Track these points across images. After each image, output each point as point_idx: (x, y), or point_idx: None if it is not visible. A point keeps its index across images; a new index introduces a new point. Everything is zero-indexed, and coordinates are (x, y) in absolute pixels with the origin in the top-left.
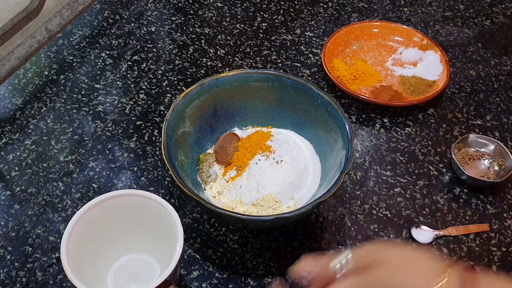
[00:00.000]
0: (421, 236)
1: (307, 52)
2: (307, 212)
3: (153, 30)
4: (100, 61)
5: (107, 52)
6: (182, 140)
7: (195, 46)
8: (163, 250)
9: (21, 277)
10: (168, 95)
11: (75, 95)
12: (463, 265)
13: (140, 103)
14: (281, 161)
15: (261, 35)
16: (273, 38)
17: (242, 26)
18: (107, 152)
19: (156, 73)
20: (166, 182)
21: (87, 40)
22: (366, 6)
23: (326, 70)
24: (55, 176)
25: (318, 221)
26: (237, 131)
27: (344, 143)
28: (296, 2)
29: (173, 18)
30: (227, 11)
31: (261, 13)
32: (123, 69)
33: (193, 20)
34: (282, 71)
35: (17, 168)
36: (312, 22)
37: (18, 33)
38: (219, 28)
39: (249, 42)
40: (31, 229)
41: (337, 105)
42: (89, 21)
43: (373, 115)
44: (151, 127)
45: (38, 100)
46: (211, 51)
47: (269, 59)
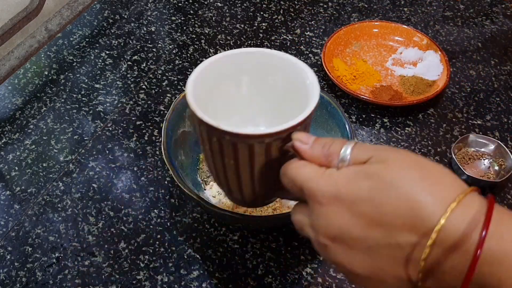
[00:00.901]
0: None
1: (307, 52)
2: None
3: (153, 30)
4: (100, 61)
5: (107, 52)
6: (182, 140)
7: (195, 46)
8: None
9: (21, 277)
10: (168, 95)
11: (75, 95)
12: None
13: (140, 103)
14: None
15: (261, 35)
16: (273, 38)
17: (242, 26)
18: (107, 152)
19: (156, 73)
20: (166, 182)
21: (87, 40)
22: (366, 6)
23: (326, 70)
24: (55, 176)
25: None
26: None
27: None
28: (296, 2)
29: (173, 18)
30: (227, 11)
31: (261, 13)
32: (123, 69)
33: (193, 20)
34: None
35: (17, 168)
36: (312, 22)
37: (18, 33)
38: (219, 28)
39: (249, 42)
40: (31, 229)
41: (337, 105)
42: (89, 21)
43: (373, 115)
44: (151, 127)
45: (38, 100)
46: (211, 51)
47: None
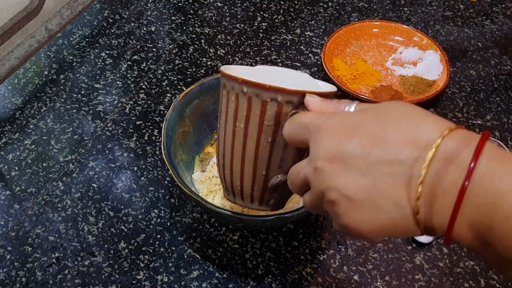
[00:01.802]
0: (421, 236)
1: (307, 52)
2: (307, 212)
3: (153, 29)
4: (100, 60)
5: (107, 52)
6: (182, 140)
7: (195, 46)
8: None
9: (20, 277)
10: (168, 95)
11: (75, 95)
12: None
13: (140, 102)
14: None
15: (261, 34)
16: (273, 37)
17: (242, 25)
18: (107, 152)
19: (156, 72)
20: (166, 182)
21: (87, 39)
22: (366, 5)
23: (326, 69)
24: (55, 176)
25: (318, 221)
26: None
27: None
28: (296, 2)
29: (173, 18)
30: (227, 10)
31: (261, 12)
32: (123, 68)
33: (193, 20)
34: None
35: (16, 168)
36: (312, 22)
37: (18, 32)
38: (219, 28)
39: (249, 42)
40: (30, 229)
41: None
42: (89, 20)
43: None
44: (151, 127)
45: (38, 100)
46: (211, 50)
47: (269, 59)
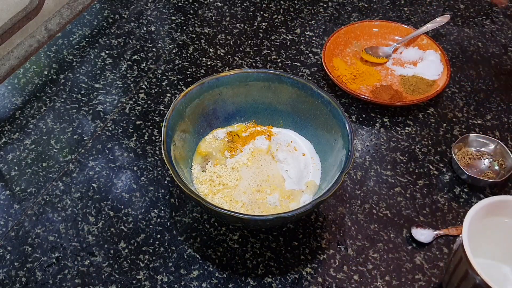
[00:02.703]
0: (421, 236)
1: (307, 52)
2: (307, 211)
3: (153, 29)
4: (100, 60)
5: (107, 52)
6: (182, 140)
7: (195, 46)
8: None
9: (20, 276)
10: (168, 94)
11: (74, 95)
12: None
13: (140, 102)
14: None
15: (261, 34)
16: (273, 37)
17: (242, 25)
18: (107, 151)
19: (156, 72)
20: (166, 182)
21: (86, 39)
22: (366, 5)
23: (326, 69)
24: (54, 176)
25: (318, 220)
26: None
27: (344, 143)
28: (296, 2)
29: (173, 18)
30: (227, 10)
31: (261, 12)
32: (123, 68)
33: (193, 20)
34: (282, 70)
35: (16, 168)
36: (312, 22)
37: (18, 32)
38: (219, 28)
39: (249, 42)
40: (30, 229)
41: (337, 104)
42: (88, 20)
43: (373, 114)
44: (151, 127)
45: (38, 100)
46: (211, 50)
47: (269, 59)
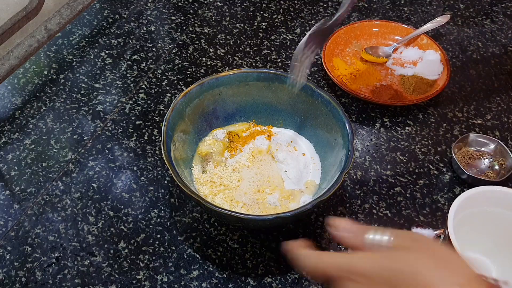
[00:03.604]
0: None
1: None
2: (307, 211)
3: (152, 29)
4: (100, 60)
5: (107, 52)
6: (182, 139)
7: (195, 46)
8: None
9: (20, 276)
10: (168, 94)
11: (74, 95)
12: (488, 283)
13: (139, 102)
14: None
15: (261, 34)
16: (273, 37)
17: (242, 25)
18: (107, 151)
19: (155, 72)
20: (166, 182)
21: (86, 39)
22: (366, 5)
23: (326, 69)
24: (54, 176)
25: (318, 220)
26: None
27: (344, 142)
28: (296, 2)
29: (172, 18)
30: (226, 10)
31: (261, 12)
32: (122, 68)
33: (192, 20)
34: (282, 70)
35: (16, 168)
36: (312, 22)
37: (18, 32)
38: (219, 28)
39: (249, 42)
40: (30, 229)
41: (337, 104)
42: (88, 20)
43: (373, 114)
44: (150, 127)
45: (38, 100)
46: (211, 50)
47: (269, 59)
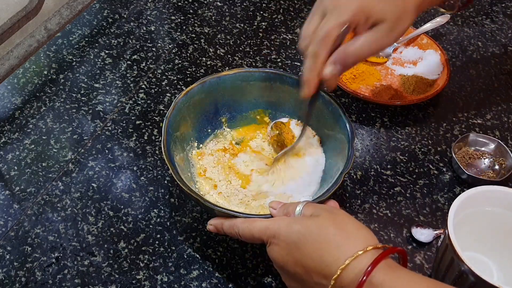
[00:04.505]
0: (421, 235)
1: None
2: None
3: (152, 29)
4: (100, 60)
5: (107, 52)
6: (182, 138)
7: (195, 46)
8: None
9: (20, 276)
10: (168, 94)
11: (74, 95)
12: (389, 250)
13: (139, 102)
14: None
15: (260, 34)
16: (273, 37)
17: (242, 25)
18: (107, 151)
19: (155, 72)
20: (165, 182)
21: (86, 39)
22: None
23: None
24: (54, 176)
25: None
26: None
27: (345, 143)
28: (296, 1)
29: (172, 17)
30: (226, 10)
31: (261, 12)
32: (122, 68)
33: (192, 20)
34: (283, 70)
35: (16, 168)
36: None
37: (17, 32)
38: (218, 28)
39: (248, 41)
40: (30, 229)
41: (338, 104)
42: (88, 20)
43: (373, 114)
44: (150, 127)
45: (38, 100)
46: (211, 50)
47: (269, 58)
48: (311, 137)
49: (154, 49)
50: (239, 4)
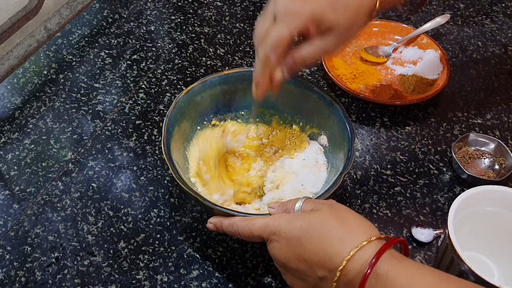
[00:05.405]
0: (421, 235)
1: None
2: None
3: (152, 29)
4: (100, 60)
5: (107, 52)
6: (182, 138)
7: (195, 45)
8: None
9: (20, 276)
10: (168, 94)
11: (74, 95)
12: (392, 241)
13: (139, 102)
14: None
15: None
16: None
17: (242, 25)
18: (107, 151)
19: (155, 72)
20: (165, 181)
21: (86, 39)
22: None
23: (326, 69)
24: (54, 176)
25: None
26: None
27: (345, 143)
28: None
29: (172, 17)
30: (226, 10)
31: (261, 12)
32: (122, 68)
33: (192, 19)
34: None
35: (16, 168)
36: None
37: (17, 32)
38: (218, 27)
39: (248, 41)
40: (30, 229)
41: (338, 104)
42: (88, 20)
43: (373, 114)
44: (150, 126)
45: (37, 100)
46: (211, 50)
47: None
48: (319, 153)
49: (154, 49)
50: (239, 4)
